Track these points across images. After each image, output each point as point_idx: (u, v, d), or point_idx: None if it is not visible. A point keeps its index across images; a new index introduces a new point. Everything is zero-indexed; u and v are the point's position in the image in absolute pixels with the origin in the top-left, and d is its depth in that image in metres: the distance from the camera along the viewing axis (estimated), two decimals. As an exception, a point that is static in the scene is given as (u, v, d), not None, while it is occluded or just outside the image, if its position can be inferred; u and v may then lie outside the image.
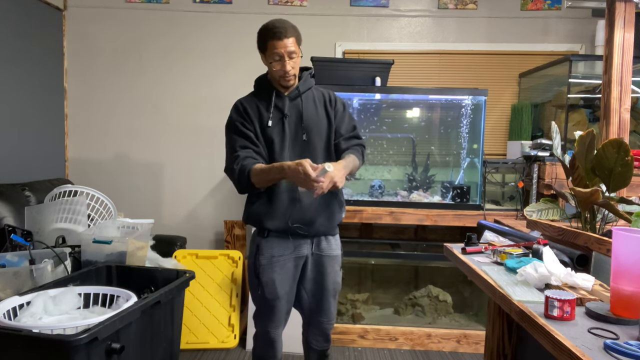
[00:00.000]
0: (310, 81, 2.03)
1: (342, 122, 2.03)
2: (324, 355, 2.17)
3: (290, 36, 1.85)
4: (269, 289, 1.95)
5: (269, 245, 1.94)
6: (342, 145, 2.01)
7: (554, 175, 2.85)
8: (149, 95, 3.79)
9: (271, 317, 2.00)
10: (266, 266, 1.94)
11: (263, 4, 3.71)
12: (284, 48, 1.84)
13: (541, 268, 1.39)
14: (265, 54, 1.90)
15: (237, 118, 1.96)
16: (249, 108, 1.95)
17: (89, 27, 3.76)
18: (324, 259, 2.01)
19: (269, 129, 1.92)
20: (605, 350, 0.98)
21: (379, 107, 3.50)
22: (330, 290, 2.04)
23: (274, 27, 1.84)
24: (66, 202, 2.47)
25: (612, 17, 2.02)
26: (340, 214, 2.05)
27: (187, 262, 3.17)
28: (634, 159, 1.50)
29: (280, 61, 1.86)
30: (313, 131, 1.96)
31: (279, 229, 1.91)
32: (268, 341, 2.05)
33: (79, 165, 3.82)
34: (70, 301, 1.73)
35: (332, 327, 2.13)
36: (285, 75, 1.89)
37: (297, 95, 1.97)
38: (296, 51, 1.87)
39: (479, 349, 3.02)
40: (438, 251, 2.64)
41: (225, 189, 3.78)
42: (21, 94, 3.25)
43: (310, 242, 1.98)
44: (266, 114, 1.93)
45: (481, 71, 3.70)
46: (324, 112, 2.00)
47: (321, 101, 2.02)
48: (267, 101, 1.95)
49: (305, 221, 1.91)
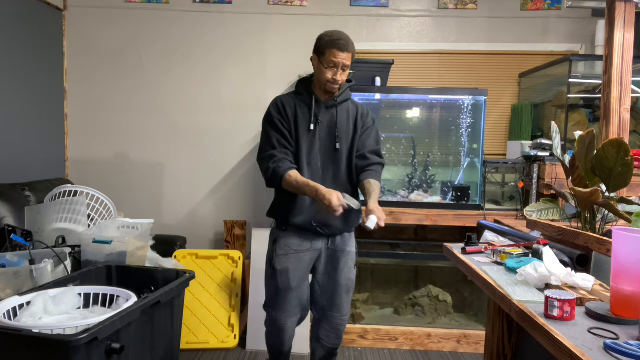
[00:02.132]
0: (347, 93, 2.16)
1: (369, 136, 2.15)
2: (332, 353, 2.22)
3: (351, 51, 2.01)
4: (283, 278, 2.09)
5: (286, 238, 2.10)
6: (365, 160, 2.11)
7: (554, 175, 2.85)
8: (149, 95, 3.79)
9: (282, 307, 2.12)
10: (282, 257, 2.08)
11: (263, 4, 3.71)
12: (341, 59, 1.98)
13: (541, 268, 1.39)
14: (322, 59, 2.01)
15: (276, 115, 2.07)
16: (288, 107, 2.08)
17: (89, 27, 3.76)
18: (338, 254, 2.13)
19: (307, 132, 2.05)
20: (605, 350, 0.98)
21: (379, 107, 3.50)
22: (343, 286, 2.14)
23: (340, 38, 1.99)
24: (66, 202, 2.47)
25: (612, 17, 2.02)
26: (358, 219, 2.12)
27: (187, 262, 3.17)
28: (634, 159, 1.50)
29: (333, 69, 2.00)
30: (342, 140, 2.09)
31: (301, 225, 2.06)
32: (276, 329, 2.17)
33: (79, 165, 3.82)
34: (70, 301, 1.73)
35: (344, 323, 2.19)
36: (334, 84, 2.02)
37: (334, 105, 2.10)
38: (349, 65, 2.02)
39: (479, 349, 3.02)
40: (438, 251, 2.64)
41: (225, 189, 3.78)
42: (21, 94, 3.25)
43: (325, 238, 2.12)
44: (303, 118, 2.06)
45: (481, 71, 3.70)
46: (353, 124, 2.12)
47: (354, 113, 2.14)
48: (306, 104, 2.09)
49: (325, 222, 2.06)
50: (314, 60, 2.06)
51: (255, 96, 3.69)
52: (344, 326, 2.20)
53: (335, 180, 2.09)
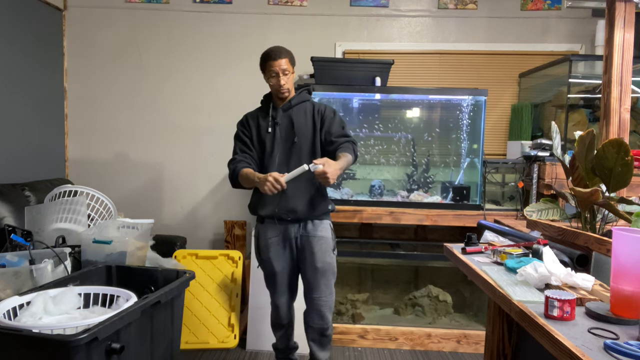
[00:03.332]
0: (303, 95, 2.40)
1: (332, 124, 2.35)
2: (322, 334, 2.42)
3: (284, 57, 2.26)
4: (267, 265, 2.37)
5: (264, 229, 2.36)
6: (334, 144, 2.30)
7: (554, 175, 2.85)
8: (149, 95, 3.79)
9: (274, 288, 2.41)
10: (263, 247, 2.36)
11: (263, 4, 3.71)
12: (278, 66, 2.24)
13: (541, 268, 1.39)
14: (266, 73, 2.30)
15: (239, 128, 2.41)
16: (250, 119, 2.39)
17: (89, 27, 3.76)
18: (310, 239, 2.32)
19: (266, 134, 2.33)
20: (605, 350, 0.98)
21: (379, 107, 3.50)
22: (318, 269, 2.32)
23: (271, 51, 2.27)
24: (66, 202, 2.47)
25: (612, 17, 2.02)
26: (325, 205, 2.36)
27: (187, 262, 3.17)
28: (634, 159, 1.50)
29: (275, 77, 2.26)
30: (300, 136, 2.31)
31: (268, 215, 2.32)
32: (274, 306, 2.45)
33: (79, 165, 3.82)
34: (70, 301, 1.73)
35: (326, 305, 2.37)
36: (280, 89, 2.28)
37: (289, 107, 2.35)
38: (289, 69, 2.27)
39: (479, 349, 3.02)
40: (438, 251, 2.64)
41: (225, 189, 3.78)
42: (21, 94, 3.25)
43: (297, 225, 2.33)
44: (263, 122, 2.36)
45: (481, 71, 3.70)
46: (311, 121, 2.35)
47: (311, 112, 2.37)
48: (266, 112, 2.38)
49: (288, 209, 2.28)
50: (264, 78, 2.33)
51: (255, 96, 3.64)
52: (326, 308, 2.37)
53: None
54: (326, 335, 2.43)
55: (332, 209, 2.40)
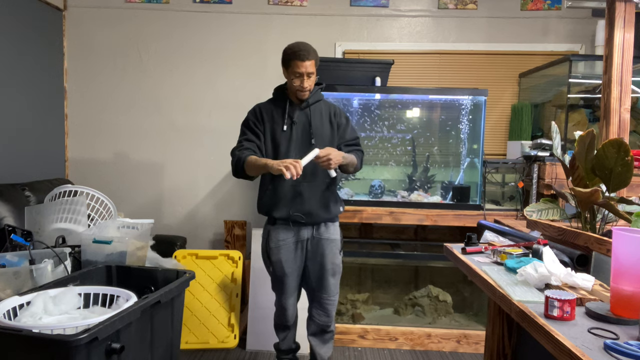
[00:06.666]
0: (318, 94, 2.35)
1: (346, 132, 2.37)
2: (324, 330, 2.45)
3: (312, 59, 2.18)
4: (278, 267, 2.33)
5: (276, 231, 2.32)
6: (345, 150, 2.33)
7: (554, 175, 2.85)
8: (149, 95, 3.79)
9: (282, 290, 2.39)
10: (274, 249, 2.32)
11: (263, 4, 3.71)
12: (304, 68, 2.16)
13: (541, 268, 1.39)
14: (288, 70, 2.21)
15: (251, 118, 2.31)
16: (264, 113, 2.30)
17: (89, 27, 3.76)
18: (322, 241, 2.33)
19: (281, 132, 2.26)
20: (605, 350, 0.98)
21: (379, 107, 3.50)
22: (329, 270, 2.35)
23: (299, 49, 2.17)
24: (66, 202, 2.47)
25: (612, 17, 2.02)
26: (337, 207, 2.38)
27: (187, 262, 3.17)
28: (634, 159, 1.50)
29: (299, 78, 2.19)
30: (317, 136, 2.28)
31: (283, 217, 2.27)
32: (281, 308, 2.44)
33: (79, 165, 3.82)
34: (70, 301, 1.73)
35: (332, 304, 2.42)
36: (302, 91, 2.22)
37: (307, 106, 2.30)
38: (313, 72, 2.21)
39: (479, 349, 3.02)
40: (438, 251, 2.64)
41: (225, 189, 3.78)
42: (21, 94, 3.25)
43: (310, 228, 2.32)
44: (279, 119, 2.28)
45: (481, 71, 3.70)
46: (328, 122, 2.34)
47: (327, 113, 2.35)
48: (282, 108, 2.29)
49: (304, 211, 2.26)
50: (283, 71, 2.25)
51: (255, 96, 3.66)
52: (333, 306, 2.42)
53: (313, 173, 2.26)
54: (328, 332, 2.46)
55: (342, 210, 2.42)
